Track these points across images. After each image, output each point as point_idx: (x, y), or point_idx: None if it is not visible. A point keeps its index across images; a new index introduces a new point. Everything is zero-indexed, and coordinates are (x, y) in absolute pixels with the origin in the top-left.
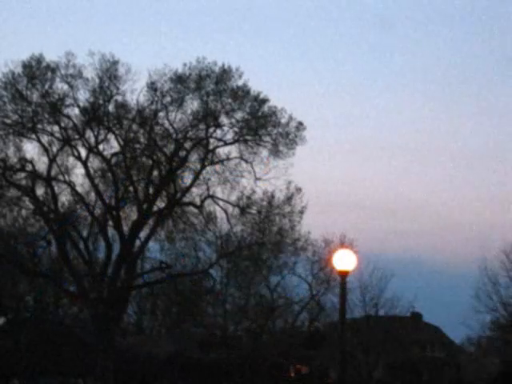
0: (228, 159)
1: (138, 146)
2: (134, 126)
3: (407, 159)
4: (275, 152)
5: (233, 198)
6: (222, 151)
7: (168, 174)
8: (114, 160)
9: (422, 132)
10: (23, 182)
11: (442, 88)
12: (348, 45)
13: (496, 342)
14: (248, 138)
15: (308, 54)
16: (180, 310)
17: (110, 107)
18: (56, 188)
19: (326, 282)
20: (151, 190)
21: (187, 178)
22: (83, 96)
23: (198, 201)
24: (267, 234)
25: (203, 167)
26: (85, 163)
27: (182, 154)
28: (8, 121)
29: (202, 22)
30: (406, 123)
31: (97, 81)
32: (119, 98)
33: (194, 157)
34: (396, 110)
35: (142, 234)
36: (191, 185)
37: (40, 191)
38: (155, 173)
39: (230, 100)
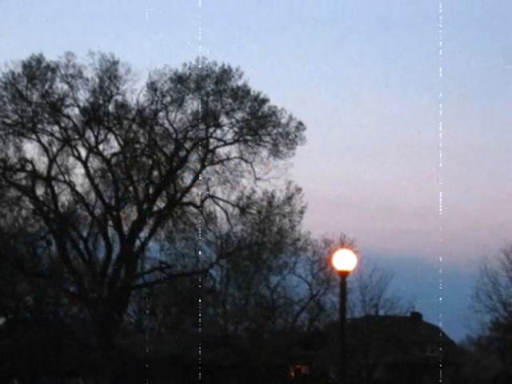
0: (228, 159)
1: (138, 146)
2: (134, 126)
3: (407, 159)
4: (275, 152)
5: (233, 198)
6: (222, 151)
7: (168, 174)
8: (114, 160)
9: (421, 132)
10: (23, 182)
11: (443, 88)
12: (348, 45)
13: (496, 342)
14: (248, 137)
15: (308, 54)
16: (180, 309)
17: (110, 107)
18: (56, 188)
19: (325, 282)
20: (151, 190)
21: (187, 178)
22: (83, 96)
23: (197, 201)
24: (267, 234)
25: (203, 167)
26: (85, 163)
27: (182, 154)
28: (8, 121)
29: (202, 22)
30: (406, 123)
31: (97, 81)
32: (119, 97)
33: (193, 157)
34: (396, 110)
35: (142, 234)
36: (191, 185)
37: (40, 191)
38: (155, 173)
39: (230, 100)
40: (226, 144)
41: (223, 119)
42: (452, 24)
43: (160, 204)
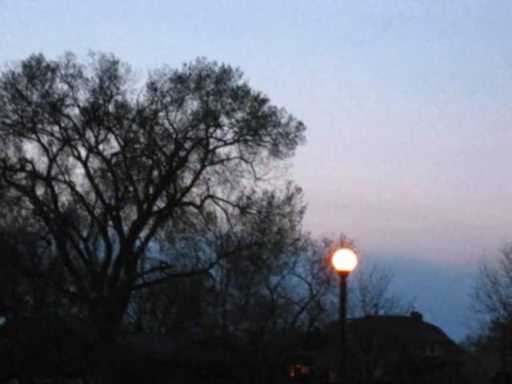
0: (228, 159)
1: (138, 146)
2: (134, 126)
3: (407, 159)
4: (275, 152)
5: (233, 198)
6: (222, 151)
7: (168, 174)
8: (113, 160)
9: (422, 132)
10: (23, 182)
11: (442, 88)
12: (348, 45)
13: (496, 342)
14: (248, 137)
15: (308, 54)
16: (180, 310)
17: (110, 107)
18: (56, 188)
19: (325, 282)
20: (151, 190)
21: (187, 178)
22: (83, 96)
23: (198, 201)
24: (267, 234)
25: (203, 167)
26: (85, 163)
27: (182, 153)
28: (8, 121)
29: (201, 22)
30: (406, 123)
31: (97, 81)
32: (119, 97)
33: (193, 157)
34: (396, 110)
35: (142, 234)
36: (191, 185)
37: (40, 191)
38: (155, 173)
39: (230, 100)
40: (226, 144)
41: (223, 119)
42: (452, 24)
43: (160, 204)
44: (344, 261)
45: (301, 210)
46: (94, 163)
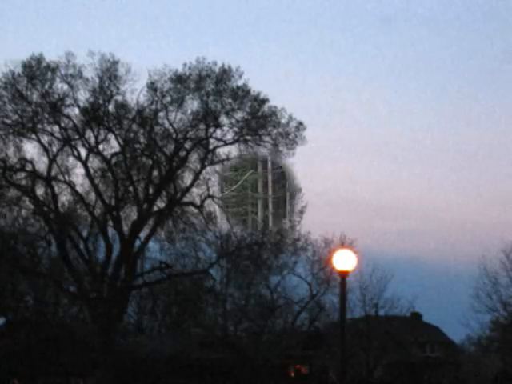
0: (228, 159)
1: (138, 146)
2: (134, 126)
3: (407, 159)
4: (275, 152)
5: None
6: (222, 151)
7: (168, 174)
8: (114, 160)
9: (421, 132)
10: (23, 182)
11: (442, 88)
12: (348, 44)
13: (496, 342)
14: (248, 138)
15: (308, 54)
16: (180, 310)
17: (110, 107)
18: (56, 188)
19: (325, 282)
20: (151, 190)
21: (187, 178)
22: (83, 96)
23: (198, 201)
24: (267, 234)
25: (203, 167)
26: (85, 163)
27: (182, 153)
28: (8, 121)
29: (202, 22)
30: (406, 123)
31: (97, 81)
32: (119, 97)
33: (193, 157)
34: (396, 110)
35: (142, 234)
36: (191, 185)
37: (40, 191)
38: (155, 173)
39: (230, 100)
40: (226, 144)
41: (223, 119)
42: (452, 24)
43: (160, 204)
44: (344, 261)
45: (301, 210)
46: (94, 163)
